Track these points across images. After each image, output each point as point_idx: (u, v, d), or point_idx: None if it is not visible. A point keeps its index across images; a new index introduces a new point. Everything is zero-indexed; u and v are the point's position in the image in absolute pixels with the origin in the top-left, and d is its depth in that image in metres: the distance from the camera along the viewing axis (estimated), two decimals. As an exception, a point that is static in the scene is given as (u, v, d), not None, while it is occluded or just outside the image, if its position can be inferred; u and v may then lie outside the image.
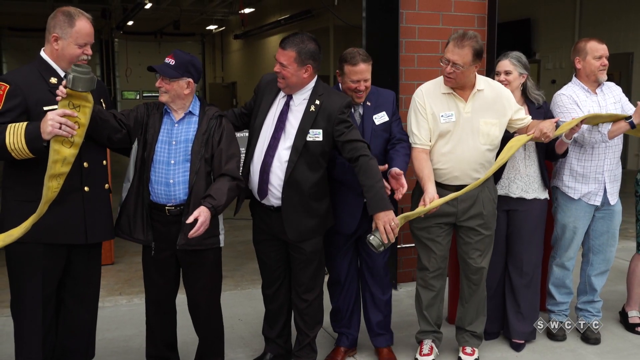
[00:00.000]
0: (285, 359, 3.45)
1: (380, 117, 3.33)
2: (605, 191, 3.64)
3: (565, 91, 3.65)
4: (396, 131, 3.36)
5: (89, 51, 2.78)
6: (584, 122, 3.40)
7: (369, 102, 3.33)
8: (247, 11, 17.42)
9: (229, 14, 20.34)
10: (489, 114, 3.25)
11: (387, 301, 3.53)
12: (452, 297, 4.01)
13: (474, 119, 3.23)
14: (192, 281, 3.08)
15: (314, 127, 3.03)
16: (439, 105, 3.25)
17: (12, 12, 17.60)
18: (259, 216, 3.23)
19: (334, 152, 3.16)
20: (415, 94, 3.33)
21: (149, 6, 16.71)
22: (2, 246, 2.57)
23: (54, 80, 2.72)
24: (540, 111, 3.56)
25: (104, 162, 2.94)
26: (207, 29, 23.76)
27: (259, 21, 19.00)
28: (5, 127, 2.53)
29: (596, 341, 3.73)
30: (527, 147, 3.51)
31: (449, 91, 3.24)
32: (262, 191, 3.09)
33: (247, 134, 3.25)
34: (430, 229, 3.33)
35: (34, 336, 2.80)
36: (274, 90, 3.15)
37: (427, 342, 3.50)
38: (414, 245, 3.52)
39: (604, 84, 3.69)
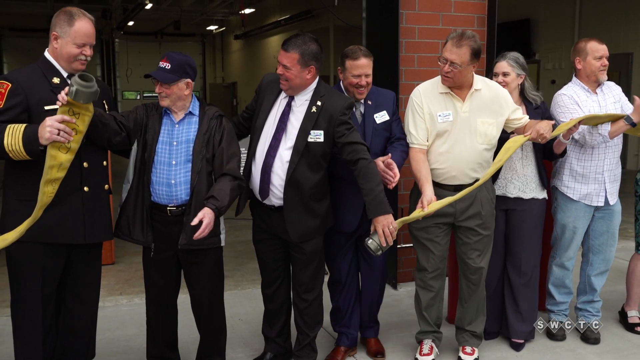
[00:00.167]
0: (285, 358, 3.45)
1: (381, 116, 3.35)
2: (605, 191, 3.64)
3: (565, 91, 3.65)
4: (396, 130, 3.39)
5: (87, 52, 2.76)
6: (582, 123, 3.40)
7: (369, 101, 3.34)
8: (247, 11, 17.44)
9: (229, 14, 20.36)
10: (487, 113, 3.25)
11: (380, 296, 3.62)
12: (452, 297, 4.01)
13: (472, 119, 3.23)
14: (194, 281, 3.09)
15: (315, 128, 3.03)
16: (436, 104, 3.25)
17: (12, 12, 17.62)
18: (259, 215, 3.24)
19: (336, 149, 3.17)
20: (412, 94, 3.33)
21: (149, 6, 16.70)
22: None
23: (56, 80, 2.73)
24: (538, 111, 3.56)
25: (105, 162, 2.93)
26: (208, 29, 23.79)
27: (259, 21, 19.01)
28: (4, 128, 2.54)
29: (596, 341, 3.73)
30: (525, 147, 3.51)
31: (447, 91, 3.25)
32: (264, 191, 3.09)
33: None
34: (428, 229, 3.34)
35: (34, 336, 2.80)
36: (275, 90, 3.14)
37: (427, 342, 3.51)
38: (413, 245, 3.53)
39: (604, 84, 3.69)
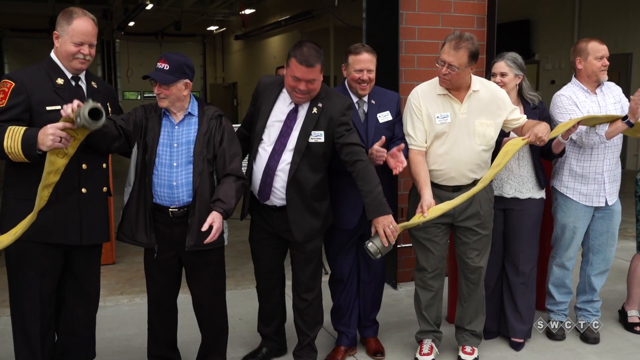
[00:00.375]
0: (280, 353, 3.49)
1: (384, 116, 3.35)
2: (605, 191, 3.65)
3: (564, 92, 3.65)
4: (399, 131, 3.39)
5: (86, 50, 2.74)
6: (580, 123, 3.40)
7: (373, 101, 3.35)
8: (247, 12, 17.44)
9: (229, 14, 20.36)
10: (485, 114, 3.25)
11: (380, 296, 3.62)
12: (452, 297, 4.02)
13: (470, 120, 3.23)
14: (197, 281, 3.10)
15: (315, 129, 3.04)
16: (434, 106, 3.25)
17: (13, 13, 17.61)
18: (259, 215, 3.24)
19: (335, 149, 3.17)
20: (410, 95, 3.33)
21: (150, 7, 16.71)
22: None
23: (60, 80, 2.73)
24: (535, 111, 3.56)
25: (104, 165, 2.93)
26: (208, 29, 23.79)
27: (260, 22, 19.01)
28: (5, 129, 2.54)
29: (595, 340, 3.74)
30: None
31: (445, 92, 3.25)
32: (264, 193, 3.10)
33: None
34: (427, 229, 3.33)
35: (33, 336, 2.81)
36: (274, 93, 3.13)
37: (427, 342, 3.51)
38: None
39: (604, 84, 3.69)
